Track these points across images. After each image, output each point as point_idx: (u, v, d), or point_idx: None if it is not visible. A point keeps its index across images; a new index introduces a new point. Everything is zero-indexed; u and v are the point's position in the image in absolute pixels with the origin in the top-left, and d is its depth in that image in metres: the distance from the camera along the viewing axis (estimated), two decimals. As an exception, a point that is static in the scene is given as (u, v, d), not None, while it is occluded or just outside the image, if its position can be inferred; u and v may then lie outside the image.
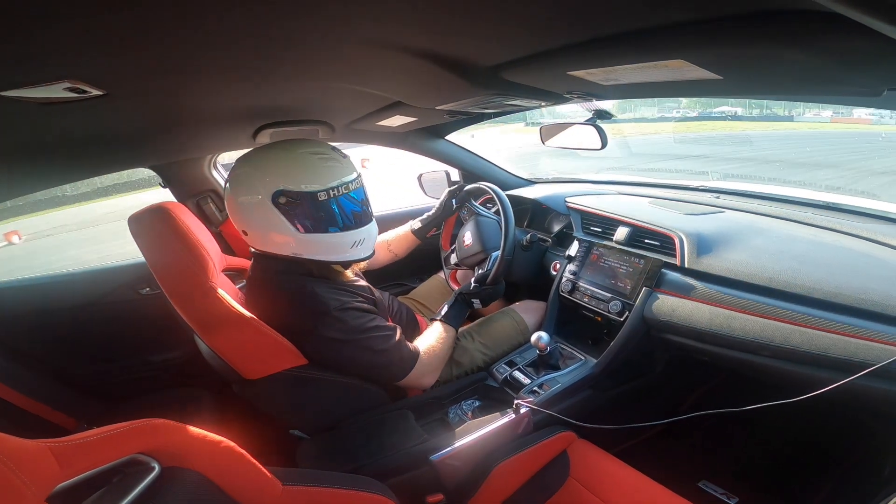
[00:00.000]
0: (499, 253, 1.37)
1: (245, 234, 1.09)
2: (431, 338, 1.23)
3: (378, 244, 1.51)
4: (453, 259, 1.64)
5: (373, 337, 1.08)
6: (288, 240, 1.05)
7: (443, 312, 1.29)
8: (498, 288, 1.35)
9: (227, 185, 1.08)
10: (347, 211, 1.09)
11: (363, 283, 1.27)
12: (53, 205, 8.74)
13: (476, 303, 1.32)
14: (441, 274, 1.76)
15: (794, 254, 1.10)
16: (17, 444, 0.40)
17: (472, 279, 1.35)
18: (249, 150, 1.12)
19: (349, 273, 1.23)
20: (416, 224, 1.59)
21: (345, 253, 1.12)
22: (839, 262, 1.04)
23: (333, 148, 1.11)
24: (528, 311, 1.51)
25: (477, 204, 1.60)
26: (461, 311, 1.31)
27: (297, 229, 1.04)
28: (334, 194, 1.05)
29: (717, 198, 1.59)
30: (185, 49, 0.57)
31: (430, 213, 1.59)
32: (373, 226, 1.17)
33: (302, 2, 0.46)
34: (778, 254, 1.11)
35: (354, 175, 1.10)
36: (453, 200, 1.58)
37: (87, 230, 8.31)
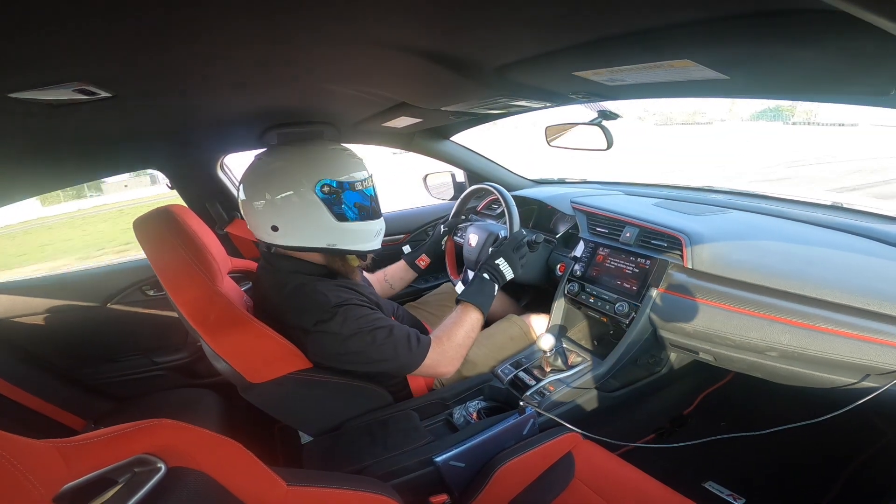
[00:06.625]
0: (507, 228, 1.38)
1: (275, 229, 1.06)
2: (449, 323, 1.19)
3: (375, 277, 1.59)
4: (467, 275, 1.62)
5: (376, 328, 1.07)
6: (324, 230, 1.07)
7: (464, 290, 1.23)
8: (518, 241, 1.29)
9: (258, 181, 1.06)
10: (370, 202, 1.14)
11: (367, 284, 1.28)
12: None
13: (502, 264, 1.24)
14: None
15: (802, 254, 1.09)
16: (26, 444, 0.41)
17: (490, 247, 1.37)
18: (267, 148, 1.11)
19: (358, 272, 1.23)
20: (407, 253, 1.65)
21: (369, 241, 1.15)
22: (848, 262, 1.03)
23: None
24: (533, 322, 1.51)
25: (473, 215, 1.62)
26: (482, 286, 1.22)
27: (335, 218, 1.08)
28: (362, 186, 1.11)
29: (724, 198, 1.58)
30: (193, 51, 0.57)
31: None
32: (383, 219, 1.20)
33: (308, 5, 0.47)
34: (785, 254, 1.10)
35: (370, 172, 1.16)
36: (441, 227, 1.65)
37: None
